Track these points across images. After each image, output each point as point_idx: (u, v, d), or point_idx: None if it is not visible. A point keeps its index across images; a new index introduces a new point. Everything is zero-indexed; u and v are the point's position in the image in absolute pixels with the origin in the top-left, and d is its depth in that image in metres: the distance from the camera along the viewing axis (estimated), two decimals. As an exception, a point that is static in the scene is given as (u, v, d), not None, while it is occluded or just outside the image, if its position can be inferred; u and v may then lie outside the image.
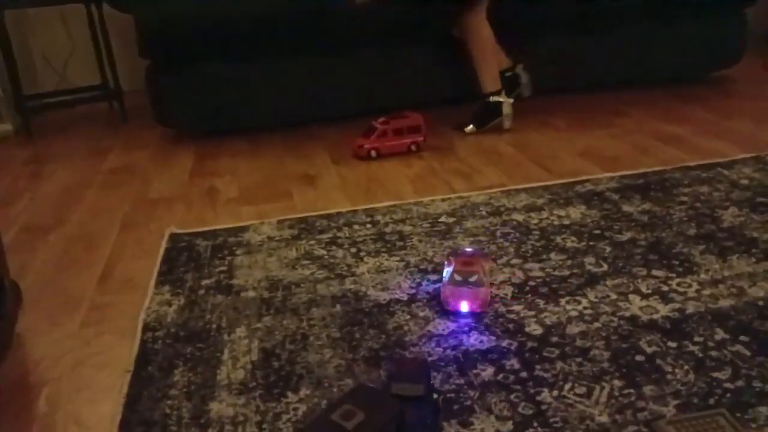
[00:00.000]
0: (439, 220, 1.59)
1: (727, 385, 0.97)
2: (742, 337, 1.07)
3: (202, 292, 1.31)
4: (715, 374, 0.99)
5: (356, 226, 1.58)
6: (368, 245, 1.47)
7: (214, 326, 1.18)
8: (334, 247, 1.47)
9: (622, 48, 2.63)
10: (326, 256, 1.43)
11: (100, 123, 2.79)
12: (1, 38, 2.50)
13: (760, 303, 1.17)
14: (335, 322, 1.18)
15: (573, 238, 1.45)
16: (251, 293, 1.29)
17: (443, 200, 1.71)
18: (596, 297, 1.22)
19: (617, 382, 0.99)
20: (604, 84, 2.71)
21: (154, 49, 2.26)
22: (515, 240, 1.46)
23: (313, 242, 1.50)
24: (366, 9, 2.36)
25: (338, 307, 1.22)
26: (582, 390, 0.97)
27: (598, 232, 1.48)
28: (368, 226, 1.58)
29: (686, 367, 1.01)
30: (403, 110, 2.19)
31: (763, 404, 0.92)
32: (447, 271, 1.24)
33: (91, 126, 2.75)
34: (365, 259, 1.41)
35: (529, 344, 1.09)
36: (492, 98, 2.32)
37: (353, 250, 1.45)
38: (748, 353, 1.03)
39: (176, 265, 1.43)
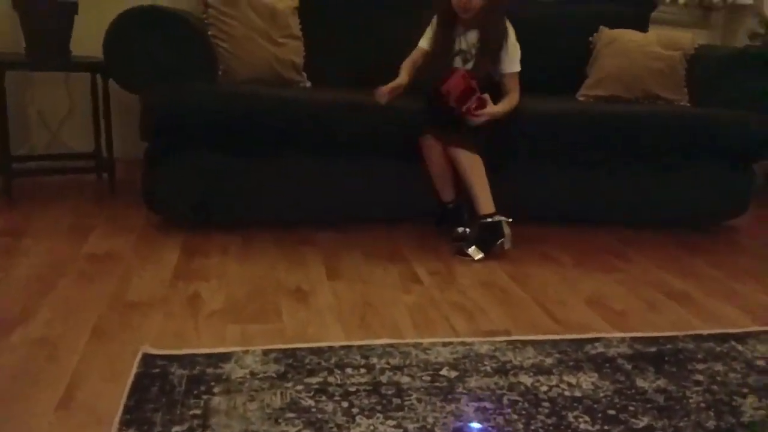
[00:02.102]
0: (441, 372, 1.46)
1: None
2: None
3: (171, 443, 1.15)
4: None
5: (349, 370, 1.44)
6: (362, 399, 1.33)
7: (180, 499, 1.03)
8: (323, 397, 1.33)
9: (626, 189, 2.60)
10: (314, 409, 1.29)
11: (87, 193, 2.66)
12: (-3, 98, 2.41)
13: None
14: None
15: (586, 418, 1.33)
16: (227, 453, 1.14)
17: (444, 345, 1.59)
18: (614, 506, 1.09)
19: None
20: (605, 220, 2.67)
21: (158, 134, 2.18)
22: (524, 412, 1.33)
23: (300, 387, 1.36)
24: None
25: (325, 486, 1.08)
26: None
27: (612, 412, 1.36)
28: (362, 370, 1.44)
29: None
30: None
31: None
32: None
33: (78, 195, 2.62)
34: (357, 418, 1.26)
35: None
36: (490, 219, 2.25)
37: (345, 404, 1.31)
38: None
39: (146, 399, 1.27)
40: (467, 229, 2.35)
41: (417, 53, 2.46)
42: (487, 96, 2.25)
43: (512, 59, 2.37)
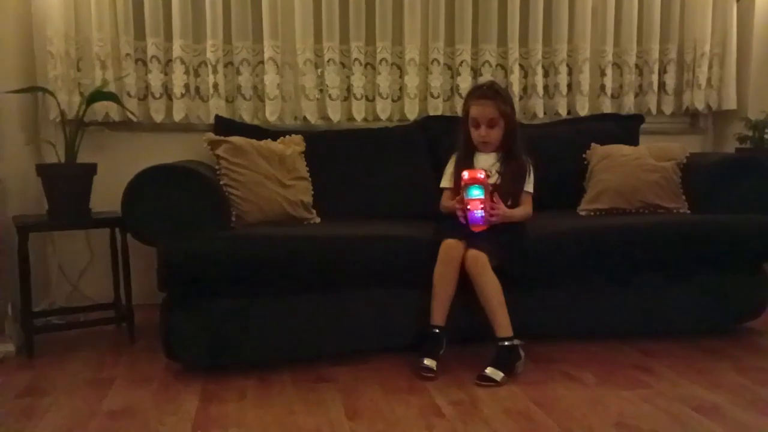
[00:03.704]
0: None
1: None
2: None
3: None
4: None
5: None
6: None
7: None
8: None
9: (641, 300, 2.61)
10: None
11: (106, 343, 2.69)
12: (21, 259, 2.51)
13: None
14: None
15: None
16: None
17: (471, 485, 1.55)
18: None
19: None
20: (623, 333, 2.65)
21: (175, 285, 2.24)
22: None
23: None
24: None
25: None
26: None
27: None
28: None
29: None
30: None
31: None
32: None
33: (97, 346, 2.65)
34: None
35: None
36: (511, 342, 2.26)
37: None
38: None
39: None
40: (434, 367, 2.28)
41: (445, 197, 2.62)
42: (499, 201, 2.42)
43: (530, 181, 2.58)
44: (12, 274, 2.58)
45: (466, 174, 2.38)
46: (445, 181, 2.68)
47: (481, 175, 2.37)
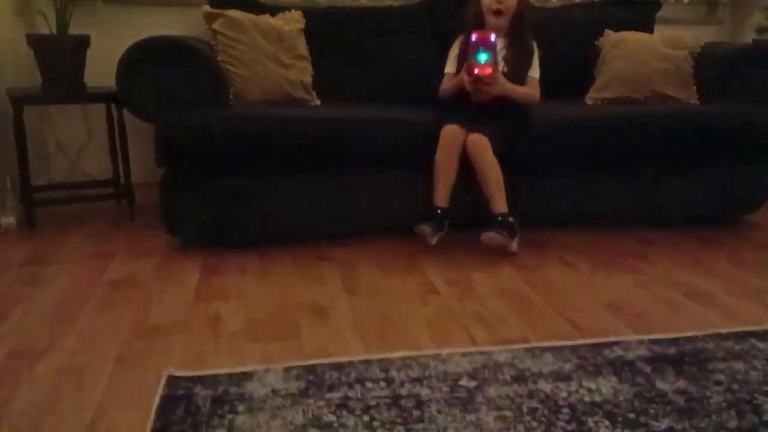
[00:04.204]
0: (460, 383, 1.47)
1: None
2: None
3: (197, 464, 1.18)
4: None
5: (369, 384, 1.46)
6: (382, 412, 1.35)
7: None
8: (344, 412, 1.35)
9: (642, 189, 2.60)
10: (336, 424, 1.30)
11: (107, 220, 2.71)
12: (17, 131, 2.47)
13: None
14: None
15: (606, 422, 1.33)
16: (252, 472, 1.16)
17: (463, 355, 1.60)
18: None
19: None
20: (623, 221, 2.66)
21: (172, 161, 2.22)
22: (544, 419, 1.34)
23: (321, 403, 1.38)
24: None
25: (349, 501, 1.09)
26: None
27: (632, 416, 1.36)
28: (382, 384, 1.46)
29: None
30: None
31: None
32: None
33: (98, 222, 2.67)
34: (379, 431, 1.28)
35: None
36: (506, 218, 2.28)
37: (366, 418, 1.33)
38: None
39: (171, 421, 1.30)
40: (432, 234, 2.32)
41: (446, 79, 2.53)
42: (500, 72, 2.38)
43: (535, 66, 2.51)
44: (9, 147, 2.55)
45: (474, 36, 2.27)
46: (449, 66, 2.59)
47: (492, 37, 2.26)
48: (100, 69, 2.70)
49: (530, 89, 2.48)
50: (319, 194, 2.37)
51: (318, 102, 2.71)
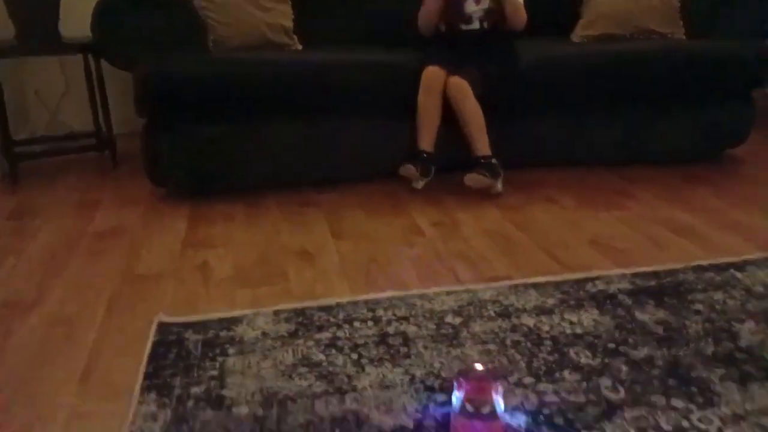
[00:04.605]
0: (446, 320, 1.51)
1: None
2: (776, 497, 1.00)
3: (191, 403, 1.21)
4: None
5: (357, 323, 1.49)
6: (370, 350, 1.38)
7: (202, 453, 1.09)
8: (333, 351, 1.38)
9: (627, 126, 2.60)
10: (325, 363, 1.34)
11: (91, 171, 2.70)
12: (-6, 84, 2.43)
13: (791, 451, 1.09)
14: (335, 454, 1.08)
15: (587, 352, 1.37)
16: (244, 409, 1.19)
17: (449, 293, 1.63)
18: (616, 433, 1.14)
19: None
20: (608, 160, 2.67)
21: (152, 109, 2.19)
22: (526, 351, 1.38)
23: (311, 343, 1.41)
24: None
25: (338, 432, 1.13)
26: None
27: (612, 345, 1.40)
28: (370, 323, 1.49)
29: None
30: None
31: None
32: (457, 397, 1.15)
33: (81, 173, 2.66)
34: (367, 368, 1.32)
35: (547, 495, 1.00)
36: (492, 160, 2.29)
37: (354, 355, 1.36)
38: None
39: (163, 366, 1.33)
40: (418, 177, 2.35)
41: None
42: None
43: None
44: (-14, 100, 2.51)
45: None
46: None
47: None
48: (76, 18, 2.63)
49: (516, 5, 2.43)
50: (303, 140, 2.36)
51: (299, 46, 2.66)
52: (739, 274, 1.73)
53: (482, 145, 2.31)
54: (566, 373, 1.31)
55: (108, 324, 1.52)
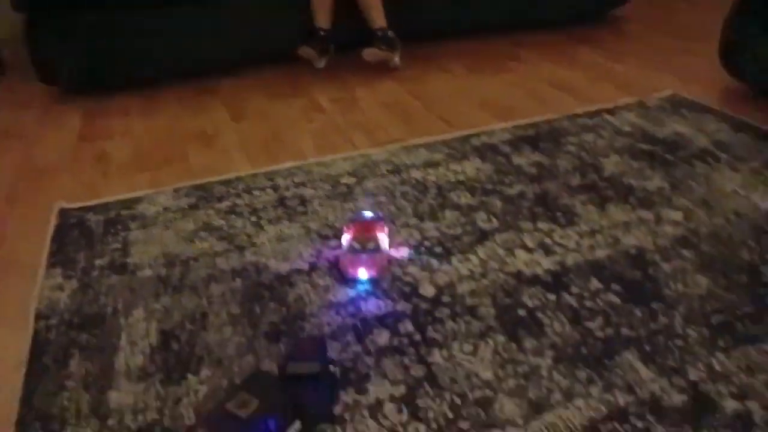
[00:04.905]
0: (341, 181, 1.60)
1: (599, 333, 1.06)
2: (615, 286, 1.17)
3: (95, 273, 1.28)
4: (588, 324, 1.09)
5: (256, 192, 1.57)
6: (269, 212, 1.47)
7: (110, 310, 1.17)
8: (233, 216, 1.46)
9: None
10: (225, 227, 1.42)
11: (-25, 80, 2.57)
12: None
13: (632, 251, 1.27)
14: (235, 297, 1.19)
15: (467, 194, 1.51)
16: (148, 272, 1.27)
17: (345, 159, 1.72)
18: (485, 254, 1.28)
19: (500, 338, 1.06)
20: (496, 27, 2.74)
21: (30, 2, 2.08)
22: (413, 199, 1.50)
23: (211, 212, 1.48)
24: None
25: (238, 281, 1.23)
26: (469, 348, 1.04)
27: (490, 186, 1.54)
28: (269, 191, 1.57)
29: (563, 318, 1.10)
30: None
31: (627, 350, 1.02)
32: (346, 239, 1.27)
33: (-35, 83, 2.53)
34: (266, 227, 1.41)
35: (423, 306, 1.14)
36: (389, 32, 2.33)
37: (253, 218, 1.45)
38: (618, 301, 1.14)
39: (67, 244, 1.38)
40: (317, 57, 2.39)
41: None
42: None
43: None
44: None
45: None
46: None
47: None
48: None
49: None
50: (196, 23, 2.30)
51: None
52: (610, 118, 1.89)
53: (378, 17, 2.33)
54: (447, 213, 1.44)
55: (8, 214, 1.54)
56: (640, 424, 0.90)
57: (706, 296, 1.14)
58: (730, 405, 0.92)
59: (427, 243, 1.33)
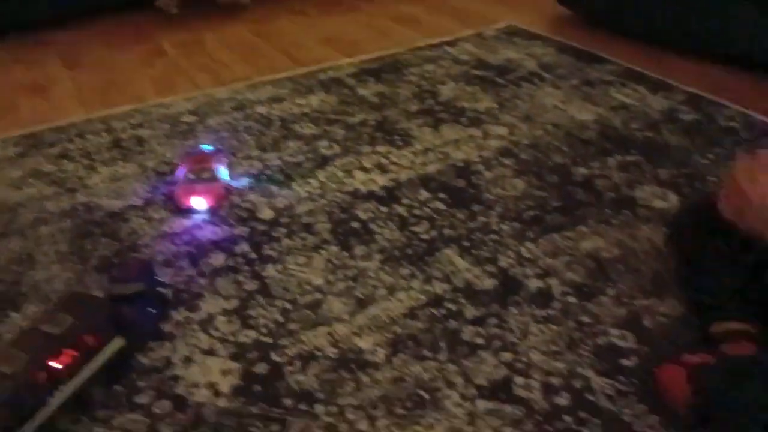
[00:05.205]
0: (181, 120, 1.58)
1: (424, 236, 1.14)
2: (441, 195, 1.25)
3: None
4: (415, 228, 1.16)
5: (90, 136, 1.51)
6: (102, 154, 1.43)
7: (-77, 261, 1.10)
8: (64, 161, 1.40)
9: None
10: (56, 171, 1.36)
11: None
12: None
13: (460, 164, 1.36)
14: (65, 236, 1.16)
15: (310, 125, 1.54)
16: (-32, 220, 1.21)
17: (186, 99, 1.69)
18: (325, 177, 1.32)
19: (334, 248, 1.11)
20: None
21: None
22: (256, 133, 1.51)
23: (40, 158, 1.42)
24: None
25: (68, 221, 1.20)
26: (303, 260, 1.09)
27: (333, 117, 1.57)
28: (103, 134, 1.52)
29: (393, 226, 1.17)
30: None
31: (448, 248, 1.11)
32: (180, 171, 1.26)
33: None
34: (99, 169, 1.37)
35: (260, 228, 1.17)
36: None
37: (85, 161, 1.40)
38: (443, 207, 1.22)
39: None
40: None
41: None
42: None
43: None
44: None
45: None
46: None
47: None
48: None
49: None
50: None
51: None
52: (450, 49, 1.97)
53: None
54: (290, 143, 1.46)
55: None
56: (453, 307, 0.98)
57: (521, 196, 1.24)
58: (534, 284, 1.02)
59: (268, 172, 1.35)
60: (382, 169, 1.35)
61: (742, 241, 0.89)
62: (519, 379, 0.86)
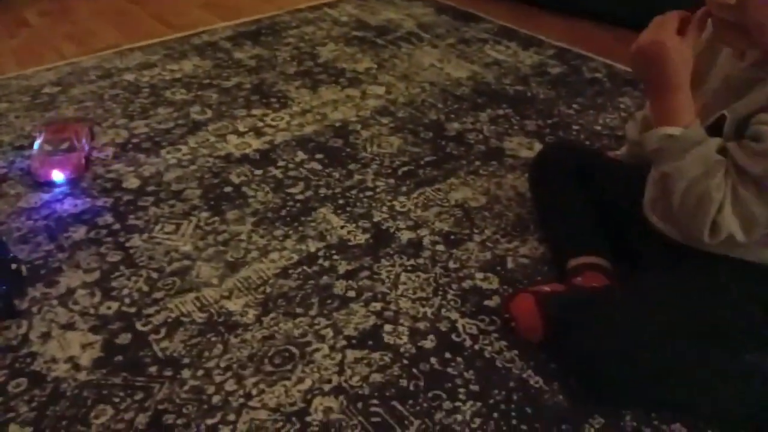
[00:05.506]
0: (42, 91, 1.47)
1: (299, 197, 1.13)
2: (318, 155, 1.24)
3: None
4: (290, 190, 1.14)
5: (-64, 112, 1.39)
6: (-50, 130, 1.31)
7: None
8: None
9: None
10: None
11: None
12: None
13: (337, 124, 1.35)
14: None
15: (182, 91, 1.48)
16: None
17: (49, 69, 1.58)
18: (196, 143, 1.28)
19: (204, 214, 1.08)
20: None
21: None
22: (123, 101, 1.43)
23: None
24: None
25: None
26: (171, 228, 1.05)
27: (207, 81, 1.52)
28: (-48, 109, 1.40)
29: (267, 189, 1.15)
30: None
31: (323, 207, 1.10)
32: (37, 143, 1.18)
33: None
34: (-54, 145, 1.26)
35: (125, 198, 1.12)
36: None
37: (-70, 138, 1.29)
38: (320, 167, 1.21)
39: None
40: None
41: None
42: None
43: None
44: None
45: None
46: None
47: None
48: None
49: None
50: None
51: None
52: (330, 11, 1.94)
53: None
54: (160, 110, 1.40)
55: None
56: (327, 264, 0.98)
57: (396, 153, 1.25)
58: (406, 236, 1.04)
59: (134, 140, 1.29)
60: (258, 132, 1.32)
61: (600, 184, 0.94)
62: (388, 327, 0.87)
